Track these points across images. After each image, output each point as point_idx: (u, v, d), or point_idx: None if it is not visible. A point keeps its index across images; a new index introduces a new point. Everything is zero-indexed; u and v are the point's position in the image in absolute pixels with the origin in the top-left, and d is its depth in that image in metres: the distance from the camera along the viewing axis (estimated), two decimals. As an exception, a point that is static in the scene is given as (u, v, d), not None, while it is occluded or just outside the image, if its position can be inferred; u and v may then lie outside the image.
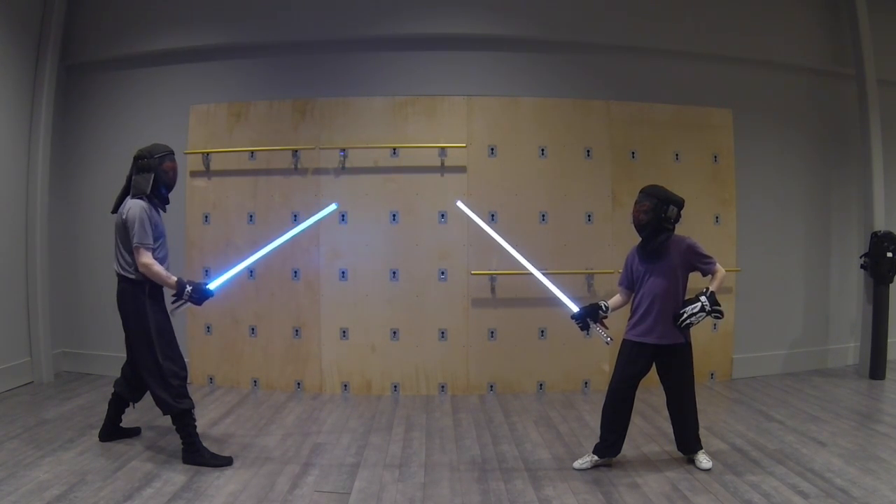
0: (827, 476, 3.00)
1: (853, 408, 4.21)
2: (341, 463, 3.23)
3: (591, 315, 3.15)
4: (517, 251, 3.53)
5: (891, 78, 5.37)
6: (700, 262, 3.09)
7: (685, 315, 3.02)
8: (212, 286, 3.22)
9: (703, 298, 3.01)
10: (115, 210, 3.21)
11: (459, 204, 3.76)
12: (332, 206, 3.76)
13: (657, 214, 3.03)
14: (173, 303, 3.14)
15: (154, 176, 3.15)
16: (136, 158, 3.19)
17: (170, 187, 3.26)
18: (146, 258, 3.05)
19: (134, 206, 3.08)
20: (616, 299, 3.26)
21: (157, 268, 3.08)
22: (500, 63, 4.82)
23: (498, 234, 3.62)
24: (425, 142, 4.67)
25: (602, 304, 3.19)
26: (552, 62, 4.86)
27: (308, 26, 4.74)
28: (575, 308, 3.21)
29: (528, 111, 4.78)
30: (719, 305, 3.02)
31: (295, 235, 3.69)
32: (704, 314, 3.01)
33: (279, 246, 3.63)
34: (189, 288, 3.09)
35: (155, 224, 3.14)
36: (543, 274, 3.53)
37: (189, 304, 3.15)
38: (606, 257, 4.73)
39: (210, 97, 4.88)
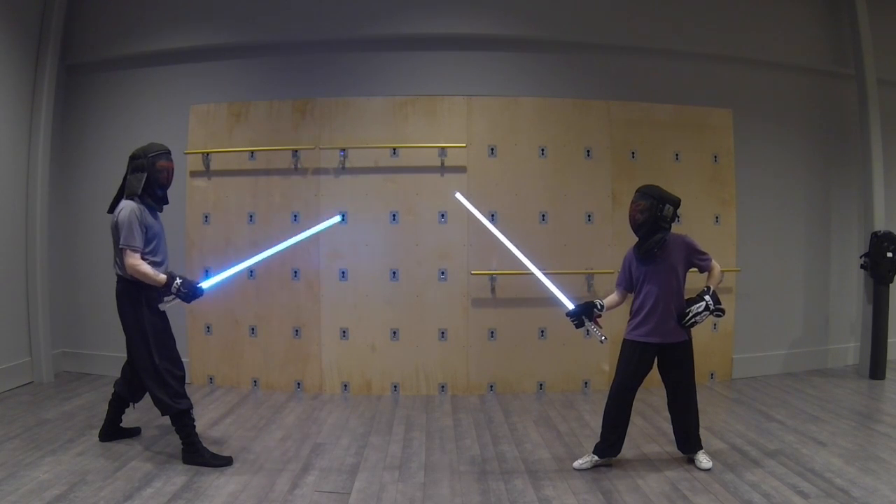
0: (827, 476, 3.00)
1: (853, 408, 4.21)
2: (341, 463, 3.23)
3: (585, 313, 3.15)
4: (516, 249, 3.52)
5: (891, 78, 5.38)
6: (698, 258, 3.12)
7: (691, 314, 3.04)
8: (204, 285, 3.17)
9: (707, 298, 3.04)
10: (111, 210, 3.20)
11: (458, 196, 3.75)
12: (337, 218, 3.72)
13: (653, 214, 3.04)
14: (162, 296, 3.09)
15: (147, 176, 3.12)
16: (131, 158, 3.18)
17: (164, 187, 3.22)
18: (132, 259, 3.03)
19: (125, 208, 3.07)
20: (612, 298, 3.26)
21: (144, 268, 3.04)
22: (500, 63, 4.82)
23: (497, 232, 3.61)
24: (425, 142, 4.67)
25: (597, 302, 3.19)
26: (552, 62, 4.86)
27: (308, 26, 4.74)
28: (570, 305, 3.21)
29: (528, 111, 4.78)
30: (720, 303, 3.05)
31: (296, 243, 3.65)
32: (708, 312, 3.03)
33: (277, 252, 3.58)
34: (178, 281, 3.05)
35: (147, 226, 3.11)
36: (541, 272, 3.52)
37: (178, 300, 3.09)
38: (606, 257, 4.73)
39: (210, 97, 4.88)
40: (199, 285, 3.13)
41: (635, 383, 3.13)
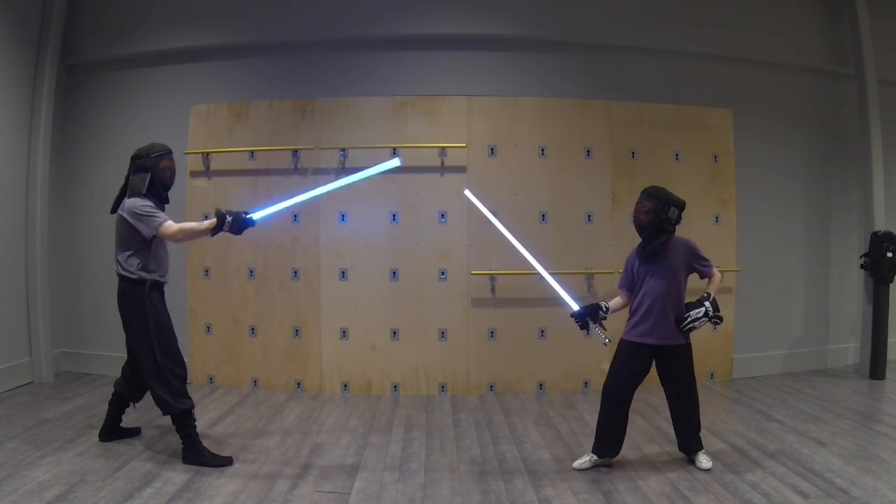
0: (827, 476, 3.00)
1: (853, 408, 4.21)
2: (341, 463, 3.23)
3: (591, 315, 3.14)
4: (522, 248, 3.51)
5: (891, 78, 5.37)
6: (699, 263, 3.11)
7: (689, 319, 3.03)
8: (255, 216, 3.06)
9: (706, 303, 3.02)
10: (114, 210, 3.21)
11: (467, 192, 3.74)
12: (396, 161, 3.49)
13: (658, 216, 3.04)
14: (212, 235, 3.03)
15: (151, 175, 3.14)
16: (134, 158, 3.19)
17: (167, 186, 3.24)
18: (171, 229, 3.01)
19: (133, 202, 3.08)
20: (616, 301, 3.25)
21: (188, 225, 3.05)
22: (500, 63, 4.82)
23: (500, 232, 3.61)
24: (425, 142, 4.67)
25: (602, 304, 3.18)
26: (552, 62, 4.86)
27: (308, 26, 4.74)
28: (576, 307, 3.21)
29: (528, 111, 4.78)
30: (720, 311, 3.04)
31: (352, 183, 3.40)
32: (707, 319, 3.02)
33: (329, 192, 3.40)
34: (229, 218, 2.96)
35: None
36: (548, 272, 3.51)
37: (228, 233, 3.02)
38: (606, 257, 4.73)
39: (210, 97, 4.88)
40: (249, 217, 3.03)
41: (631, 384, 3.12)
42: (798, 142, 5.30)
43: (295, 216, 4.72)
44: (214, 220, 2.98)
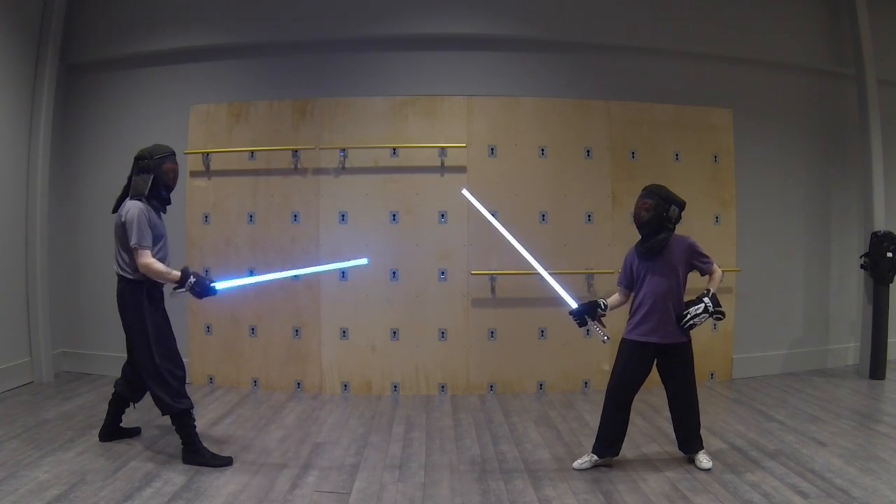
0: (827, 476, 3.00)
1: (853, 408, 4.21)
2: (341, 463, 3.23)
3: (589, 312, 3.15)
4: (520, 246, 3.51)
5: (891, 78, 5.37)
6: (699, 260, 3.11)
7: (689, 316, 3.03)
8: (217, 286, 3.15)
9: (705, 300, 3.02)
10: (116, 210, 3.21)
11: (465, 192, 3.75)
12: (364, 261, 3.69)
13: (659, 213, 3.04)
14: (174, 289, 3.09)
15: (154, 177, 3.14)
16: (137, 159, 3.19)
17: (170, 189, 3.24)
18: (145, 258, 3.04)
19: (132, 208, 3.08)
20: (615, 298, 3.26)
21: (158, 266, 3.06)
22: (500, 63, 4.82)
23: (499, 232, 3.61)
24: (425, 142, 4.67)
25: (601, 301, 3.19)
26: (552, 62, 4.86)
27: (308, 26, 4.74)
28: (574, 304, 3.21)
29: (528, 111, 4.78)
30: (721, 306, 3.04)
31: (316, 273, 3.68)
32: (707, 315, 3.02)
33: (294, 277, 3.62)
34: (192, 280, 3.04)
35: (154, 225, 3.12)
36: (546, 271, 3.51)
37: (189, 294, 3.09)
38: (606, 257, 4.73)
39: (210, 97, 4.88)
40: (212, 285, 3.11)
41: (634, 384, 3.13)
42: (798, 142, 5.30)
43: (295, 216, 4.72)
44: (179, 273, 3.05)
